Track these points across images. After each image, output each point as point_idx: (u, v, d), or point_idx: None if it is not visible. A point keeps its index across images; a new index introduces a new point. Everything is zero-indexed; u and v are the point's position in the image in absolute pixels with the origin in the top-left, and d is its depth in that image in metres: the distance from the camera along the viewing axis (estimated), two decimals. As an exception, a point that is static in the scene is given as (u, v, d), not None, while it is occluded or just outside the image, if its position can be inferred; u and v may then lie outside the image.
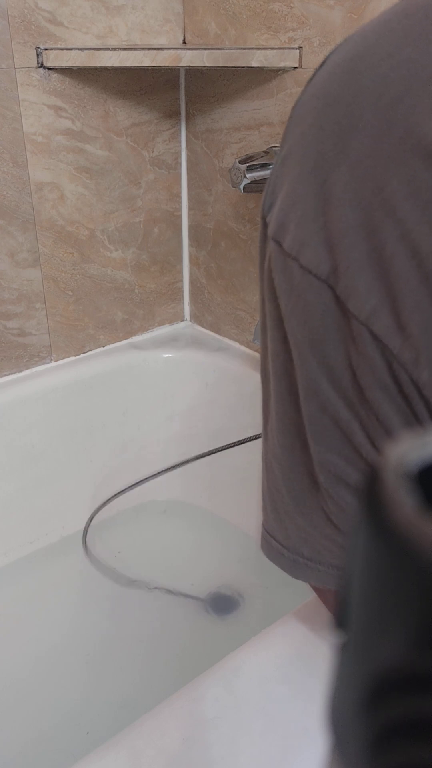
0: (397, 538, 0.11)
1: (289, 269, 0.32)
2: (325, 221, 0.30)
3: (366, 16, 0.87)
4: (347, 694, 0.14)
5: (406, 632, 0.12)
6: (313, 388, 0.35)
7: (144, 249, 1.26)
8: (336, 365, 0.33)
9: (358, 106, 0.29)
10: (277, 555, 0.45)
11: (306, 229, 0.31)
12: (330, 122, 0.30)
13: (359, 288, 0.30)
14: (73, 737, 0.92)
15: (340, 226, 0.30)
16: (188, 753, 0.48)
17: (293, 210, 0.31)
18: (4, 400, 1.12)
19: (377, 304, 0.29)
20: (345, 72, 0.30)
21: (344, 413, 0.34)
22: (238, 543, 1.24)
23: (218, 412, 1.27)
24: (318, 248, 0.31)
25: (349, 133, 0.29)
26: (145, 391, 1.29)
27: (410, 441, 0.13)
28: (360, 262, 0.29)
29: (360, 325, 0.30)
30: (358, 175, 0.29)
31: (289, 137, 0.32)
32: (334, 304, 0.31)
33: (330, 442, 0.36)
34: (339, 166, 0.29)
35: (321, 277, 0.31)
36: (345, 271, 0.30)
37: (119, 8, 1.06)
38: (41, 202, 1.09)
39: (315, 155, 0.30)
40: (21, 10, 0.96)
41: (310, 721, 0.51)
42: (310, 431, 0.37)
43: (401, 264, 0.28)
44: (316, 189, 0.30)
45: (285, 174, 0.32)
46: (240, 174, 0.97)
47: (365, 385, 0.32)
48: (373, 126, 0.28)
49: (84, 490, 1.26)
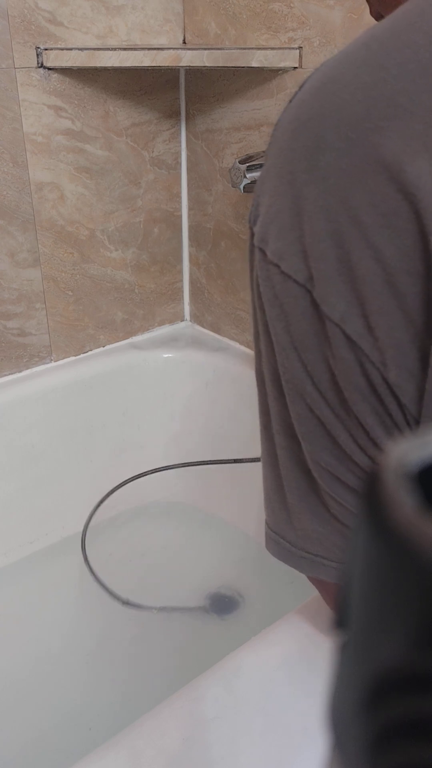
0: (397, 538, 0.11)
1: (271, 277, 0.35)
2: (301, 232, 0.33)
3: (366, 16, 0.87)
4: (347, 694, 0.14)
5: (406, 632, 0.12)
6: (299, 391, 0.37)
7: (144, 249, 1.26)
8: (317, 368, 0.35)
9: (323, 128, 0.32)
10: (286, 553, 0.46)
11: (284, 239, 0.34)
12: (300, 144, 0.33)
13: (331, 292, 0.32)
14: (73, 737, 0.92)
15: (313, 236, 0.32)
16: (188, 753, 0.48)
17: (273, 222, 0.34)
18: (4, 400, 1.12)
19: (348, 307, 0.32)
20: (313, 98, 0.33)
21: (328, 414, 0.36)
22: (237, 543, 1.24)
23: (218, 412, 1.27)
24: (296, 257, 0.33)
25: (317, 153, 0.32)
26: (145, 391, 1.29)
27: (410, 441, 0.13)
28: (331, 269, 0.32)
29: (335, 327, 0.33)
30: (326, 189, 0.32)
31: (269, 156, 0.36)
32: (312, 308, 0.34)
33: (320, 442, 0.38)
34: (309, 183, 0.32)
35: (300, 282, 0.33)
36: (319, 277, 0.33)
37: (119, 8, 1.06)
38: (41, 202, 1.09)
39: (288, 174, 0.33)
40: (21, 10, 0.96)
41: (310, 721, 0.51)
42: (300, 432, 0.39)
43: (366, 269, 0.31)
44: (290, 203, 0.33)
45: (265, 190, 0.35)
46: (240, 174, 0.97)
47: (343, 386, 0.34)
48: (337, 146, 0.31)
49: (84, 490, 1.26)
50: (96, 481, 1.28)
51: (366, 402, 0.34)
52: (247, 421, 1.21)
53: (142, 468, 1.33)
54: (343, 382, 0.34)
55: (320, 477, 0.39)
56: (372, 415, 0.34)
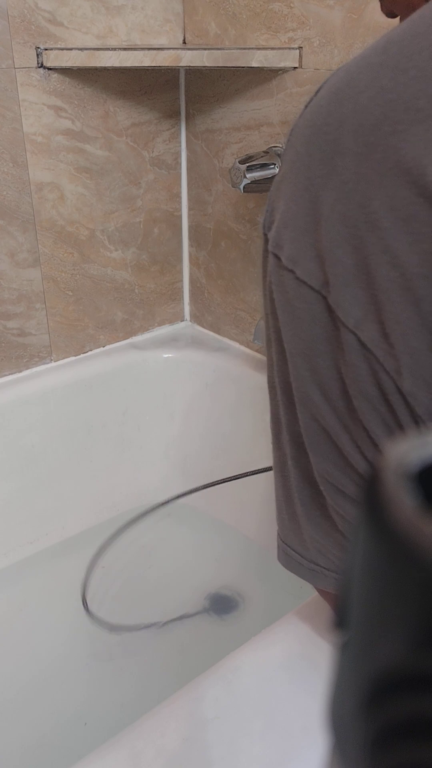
0: (397, 538, 0.11)
1: (284, 282, 0.35)
2: (317, 237, 0.32)
3: (366, 16, 0.87)
4: (347, 694, 0.14)
5: (406, 632, 0.12)
6: (306, 399, 0.36)
7: (144, 249, 1.26)
8: (326, 376, 0.35)
9: (341, 133, 0.31)
10: (296, 565, 0.46)
11: (300, 244, 0.33)
12: (317, 149, 0.32)
13: (348, 298, 0.32)
14: (74, 738, 0.92)
15: (330, 241, 0.32)
16: (188, 753, 0.48)
17: (289, 227, 0.34)
18: (4, 400, 1.12)
19: (364, 313, 0.31)
20: (330, 103, 0.32)
21: (334, 424, 0.36)
22: (237, 544, 1.24)
23: (218, 412, 1.27)
24: (311, 262, 0.33)
25: (335, 158, 0.31)
26: (145, 391, 1.29)
27: (410, 441, 0.13)
28: (347, 275, 0.32)
29: (349, 333, 0.32)
30: (344, 194, 0.31)
31: (285, 162, 0.35)
32: (326, 314, 0.33)
33: (324, 452, 0.37)
34: (326, 188, 0.32)
35: (315, 288, 0.33)
36: (335, 282, 0.32)
37: (119, 8, 1.06)
38: (41, 202, 1.09)
39: (305, 179, 0.33)
40: (21, 10, 0.96)
41: (310, 720, 0.51)
42: (307, 442, 0.38)
43: (384, 275, 0.30)
44: (307, 208, 0.33)
45: (281, 195, 0.35)
46: (240, 174, 0.97)
47: (353, 395, 0.34)
48: (355, 150, 0.31)
49: (84, 490, 1.26)
50: (96, 481, 1.28)
51: (376, 411, 0.33)
52: (248, 422, 1.21)
53: (142, 468, 1.33)
54: (353, 391, 0.33)
55: (325, 490, 0.39)
56: (381, 425, 0.34)
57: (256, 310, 1.22)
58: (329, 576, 0.44)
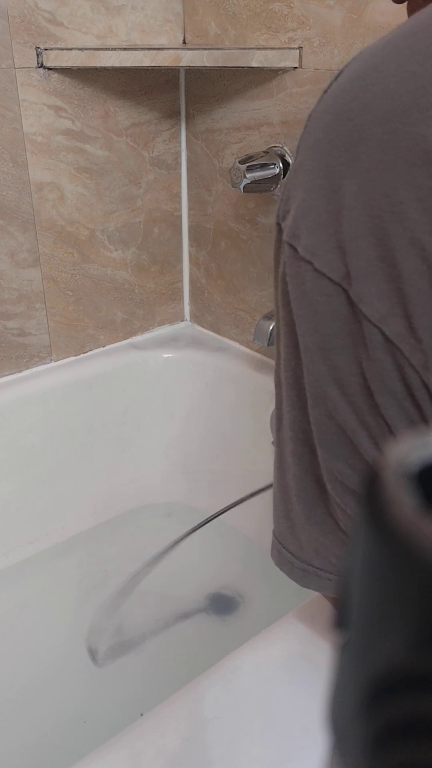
0: (397, 538, 0.11)
1: (301, 274, 0.33)
2: (337, 228, 0.31)
3: (366, 16, 0.87)
4: (347, 694, 0.14)
5: (406, 632, 0.12)
6: (321, 395, 0.35)
7: (144, 249, 1.26)
8: (345, 370, 0.33)
9: (365, 119, 0.30)
10: (287, 564, 0.45)
11: (319, 235, 0.32)
12: (339, 135, 0.31)
13: (372, 292, 0.31)
14: (74, 738, 0.92)
15: (352, 232, 0.31)
16: (188, 753, 0.48)
17: (307, 217, 0.33)
18: (4, 400, 1.12)
19: (389, 307, 0.30)
20: (353, 88, 0.31)
21: (351, 420, 0.34)
22: (237, 545, 1.24)
23: (218, 412, 1.27)
24: (331, 253, 0.32)
25: (358, 145, 0.30)
26: (145, 391, 1.29)
27: (410, 441, 0.13)
28: (372, 267, 0.30)
29: (372, 328, 0.31)
30: (368, 183, 0.30)
31: (301, 150, 0.34)
32: (347, 307, 0.32)
33: (337, 450, 0.36)
34: (349, 176, 0.31)
35: (335, 280, 0.32)
36: (357, 275, 0.31)
37: (119, 8, 1.06)
38: (41, 202, 1.09)
39: (325, 166, 0.32)
40: (21, 10, 0.96)
41: (310, 720, 0.51)
42: (317, 439, 0.37)
43: (411, 268, 0.29)
44: (327, 197, 0.31)
45: (298, 184, 0.33)
46: (240, 174, 0.97)
47: (375, 390, 0.33)
48: (380, 137, 0.29)
49: (84, 490, 1.26)
50: (96, 481, 1.27)
51: (400, 407, 0.32)
52: (248, 422, 1.21)
53: (142, 468, 1.33)
54: (375, 386, 0.33)
55: (333, 488, 0.38)
56: (404, 420, 0.33)
57: (256, 310, 1.22)
58: (322, 577, 0.43)
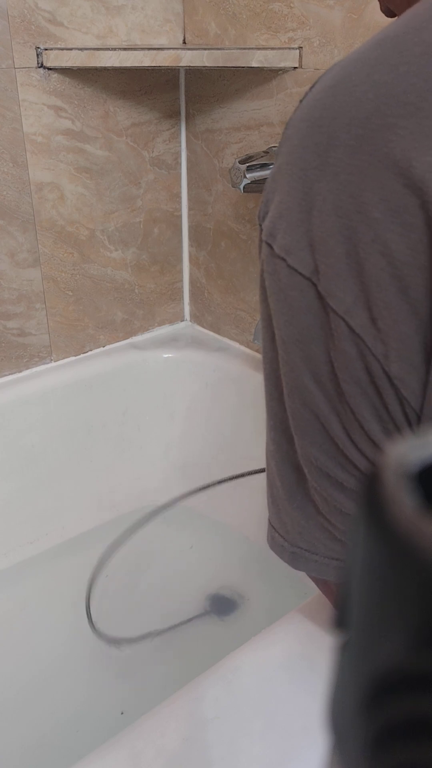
0: (397, 538, 0.11)
1: (277, 271, 0.36)
2: (309, 227, 0.34)
3: (366, 16, 0.87)
4: (347, 694, 0.14)
5: (407, 632, 0.12)
6: (297, 384, 0.38)
7: (144, 249, 1.26)
8: (317, 361, 0.36)
9: (335, 126, 0.32)
10: (279, 547, 0.47)
11: (293, 234, 0.34)
12: (312, 142, 0.33)
13: (338, 286, 0.33)
14: (74, 738, 0.92)
15: (321, 231, 0.33)
16: (188, 753, 0.48)
17: (282, 218, 0.35)
18: (4, 400, 1.12)
19: (353, 300, 0.33)
20: (325, 97, 0.33)
21: (324, 407, 0.37)
22: (237, 545, 1.24)
23: (218, 412, 1.27)
24: (303, 251, 0.34)
25: (328, 150, 0.32)
26: (145, 391, 1.29)
27: (410, 441, 0.13)
28: (338, 263, 0.33)
29: (339, 319, 0.33)
30: (336, 186, 0.32)
31: (280, 155, 0.36)
32: (317, 301, 0.34)
33: (312, 437, 0.39)
34: (320, 179, 0.33)
35: (306, 276, 0.34)
36: (325, 270, 0.33)
37: (119, 8, 1.06)
38: (41, 202, 1.09)
39: (299, 170, 0.34)
40: (21, 10, 0.96)
41: (310, 720, 0.51)
42: (293, 426, 0.40)
43: (373, 264, 0.32)
44: (300, 199, 0.34)
45: (275, 188, 0.36)
46: (240, 174, 0.97)
47: (342, 379, 0.35)
48: (348, 143, 0.32)
49: (84, 490, 1.26)
50: (96, 481, 1.27)
51: (364, 395, 0.35)
52: (248, 422, 1.21)
53: (142, 468, 1.33)
54: (342, 375, 0.35)
55: (309, 473, 0.40)
56: (369, 408, 0.35)
57: (256, 310, 1.22)
58: (309, 559, 0.45)
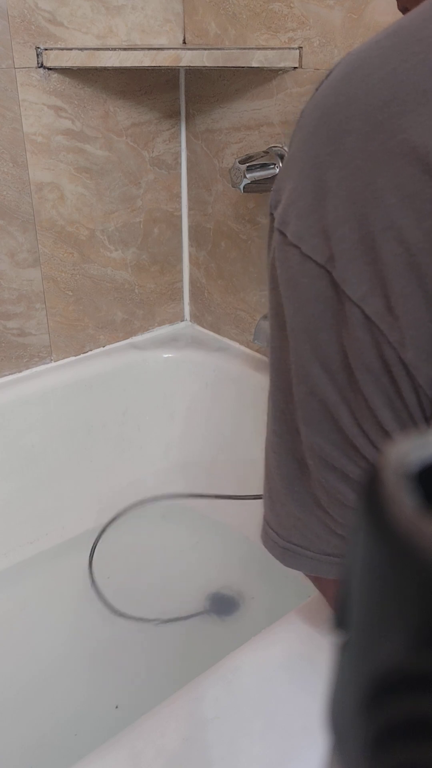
0: (397, 538, 0.11)
1: (289, 258, 0.36)
2: (323, 213, 0.33)
3: (366, 16, 0.87)
4: (347, 694, 0.14)
5: (406, 632, 0.12)
6: (305, 373, 0.38)
7: (144, 249, 1.26)
8: (328, 349, 0.36)
9: (349, 113, 0.32)
10: (272, 543, 0.47)
11: (306, 221, 0.34)
12: (326, 129, 0.33)
13: (353, 273, 0.33)
14: (74, 738, 0.92)
15: (335, 218, 0.33)
16: (188, 753, 0.48)
17: (295, 205, 0.35)
18: (4, 400, 1.12)
19: (369, 287, 0.32)
20: (340, 85, 0.33)
21: (333, 396, 0.37)
22: (237, 545, 1.24)
23: (218, 412, 1.27)
24: (316, 238, 0.34)
25: (342, 137, 0.32)
26: (145, 391, 1.29)
27: (410, 441, 0.13)
28: (353, 250, 0.32)
29: (354, 307, 0.33)
30: (350, 172, 0.32)
31: (293, 143, 0.36)
32: (330, 288, 0.34)
33: (319, 426, 0.38)
34: (333, 166, 0.33)
35: (320, 263, 0.34)
36: (340, 258, 0.33)
37: (119, 8, 1.06)
38: (41, 202, 1.09)
39: (312, 157, 0.34)
40: (21, 10, 0.96)
41: (310, 720, 0.51)
42: (301, 416, 0.39)
43: (389, 251, 0.31)
44: (314, 186, 0.34)
45: (288, 175, 0.36)
46: (240, 174, 0.97)
47: (354, 367, 0.35)
48: (362, 129, 0.32)
49: (84, 490, 1.26)
50: (96, 481, 1.27)
51: (377, 383, 0.34)
52: (248, 422, 1.21)
53: (142, 468, 1.33)
54: (355, 363, 0.35)
55: (313, 464, 0.40)
56: (381, 396, 0.35)
57: (256, 310, 1.22)
58: (301, 555, 0.45)
